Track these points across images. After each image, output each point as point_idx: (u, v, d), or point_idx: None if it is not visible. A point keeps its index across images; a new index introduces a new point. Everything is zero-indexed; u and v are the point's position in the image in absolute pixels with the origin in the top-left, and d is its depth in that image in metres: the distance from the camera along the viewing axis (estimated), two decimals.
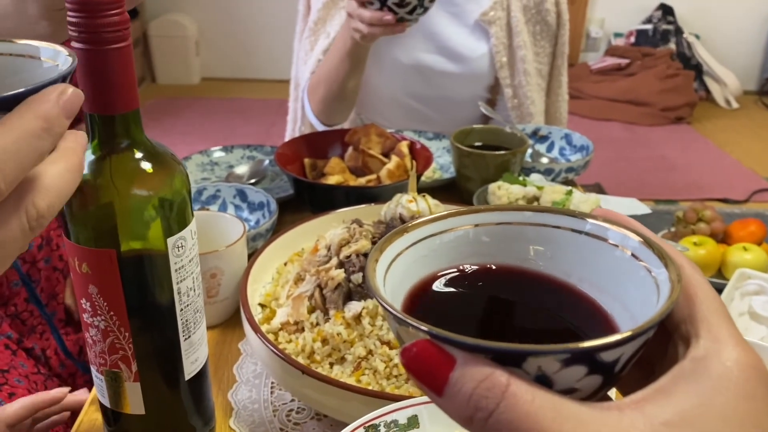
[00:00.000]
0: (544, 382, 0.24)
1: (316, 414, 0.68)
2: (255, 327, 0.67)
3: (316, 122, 1.35)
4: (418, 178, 1.04)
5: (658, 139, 3.66)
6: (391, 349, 0.67)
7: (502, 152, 1.08)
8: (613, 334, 0.24)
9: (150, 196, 0.49)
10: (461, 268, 0.33)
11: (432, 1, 1.04)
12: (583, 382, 0.25)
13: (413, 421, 0.56)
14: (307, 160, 1.10)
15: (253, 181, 1.16)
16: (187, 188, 0.51)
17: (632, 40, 4.26)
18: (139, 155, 0.48)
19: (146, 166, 0.49)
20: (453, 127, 1.20)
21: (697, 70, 4.14)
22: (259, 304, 0.77)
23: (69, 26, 0.43)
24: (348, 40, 1.16)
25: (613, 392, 0.33)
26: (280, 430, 0.67)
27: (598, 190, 2.76)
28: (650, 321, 0.25)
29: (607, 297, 0.30)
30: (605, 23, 4.40)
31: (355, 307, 0.69)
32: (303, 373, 0.61)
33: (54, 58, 0.36)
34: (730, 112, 4.09)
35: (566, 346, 0.23)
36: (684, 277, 0.28)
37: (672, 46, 4.16)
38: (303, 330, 0.71)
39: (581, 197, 0.97)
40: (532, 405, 0.23)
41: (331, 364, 0.68)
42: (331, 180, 1.05)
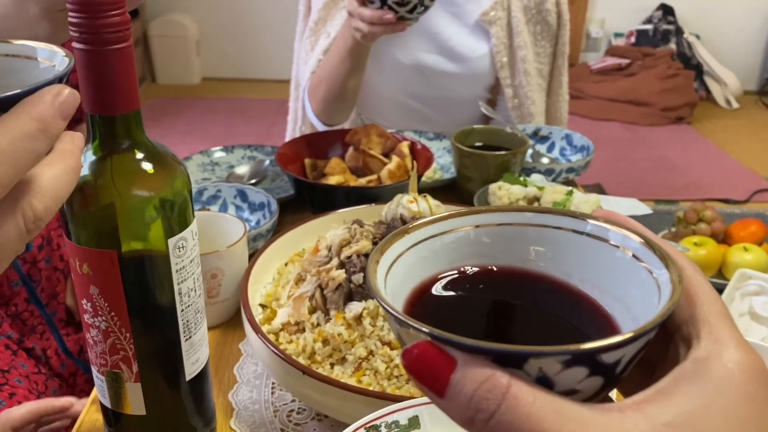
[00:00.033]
0: (545, 383, 0.24)
1: (317, 414, 0.68)
2: (256, 327, 0.67)
3: (317, 122, 1.35)
4: (419, 178, 1.04)
5: (659, 139, 3.66)
6: (392, 349, 0.67)
7: (503, 152, 1.08)
8: (615, 336, 0.24)
9: (151, 197, 0.49)
10: (462, 269, 0.33)
11: None
12: (585, 383, 0.25)
13: (414, 422, 0.56)
14: (307, 161, 1.10)
15: (253, 181, 1.16)
16: (188, 189, 0.51)
17: (632, 40, 4.26)
18: (140, 156, 0.48)
19: (147, 167, 0.49)
20: (453, 127, 1.20)
21: (698, 70, 4.14)
22: (260, 305, 0.77)
23: (70, 27, 0.43)
24: (349, 39, 1.16)
25: (614, 393, 0.33)
26: (281, 430, 0.67)
27: (599, 190, 2.76)
28: (651, 322, 0.25)
29: (608, 298, 0.30)
30: (605, 23, 4.40)
31: (355, 307, 0.69)
32: (304, 373, 0.61)
33: (51, 58, 0.36)
34: (731, 112, 4.09)
35: (567, 347, 0.23)
36: (685, 278, 0.28)
37: (672, 46, 4.16)
38: (304, 330, 0.71)
39: (582, 197, 0.97)
40: (533, 406, 0.23)
41: (332, 365, 0.68)
42: (332, 180, 1.04)
